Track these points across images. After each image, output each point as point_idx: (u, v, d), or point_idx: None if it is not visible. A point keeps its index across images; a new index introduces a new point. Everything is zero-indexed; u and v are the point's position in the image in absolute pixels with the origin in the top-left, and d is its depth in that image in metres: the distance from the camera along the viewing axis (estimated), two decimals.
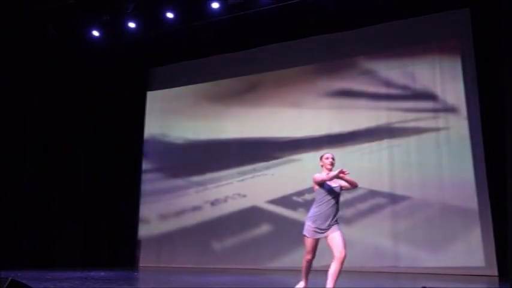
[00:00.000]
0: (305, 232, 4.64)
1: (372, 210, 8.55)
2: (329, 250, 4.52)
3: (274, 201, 9.50)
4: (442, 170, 8.27)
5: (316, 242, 4.61)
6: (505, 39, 7.37)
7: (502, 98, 7.50)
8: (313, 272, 4.88)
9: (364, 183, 8.45)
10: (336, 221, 4.58)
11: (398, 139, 8.74)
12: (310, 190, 4.68)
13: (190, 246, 10.19)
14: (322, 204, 4.58)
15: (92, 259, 10.50)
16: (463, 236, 7.84)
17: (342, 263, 4.40)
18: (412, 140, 8.64)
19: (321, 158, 4.77)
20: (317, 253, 4.68)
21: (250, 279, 7.59)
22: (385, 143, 8.80)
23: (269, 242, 9.42)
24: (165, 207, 10.70)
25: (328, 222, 4.51)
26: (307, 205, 9.13)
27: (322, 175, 4.62)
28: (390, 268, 8.21)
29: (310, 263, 4.74)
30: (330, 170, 4.65)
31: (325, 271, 4.44)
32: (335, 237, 4.47)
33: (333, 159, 4.71)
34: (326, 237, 4.53)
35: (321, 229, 4.53)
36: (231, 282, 7.12)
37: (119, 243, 10.65)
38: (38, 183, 10.49)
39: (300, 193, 8.98)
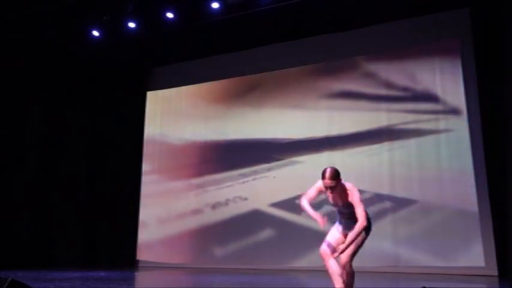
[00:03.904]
0: None
1: (372, 211, 8.52)
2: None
3: (276, 205, 9.40)
4: (442, 171, 8.27)
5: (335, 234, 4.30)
6: (505, 39, 7.38)
7: (502, 98, 7.51)
8: (313, 272, 4.87)
9: (365, 185, 8.43)
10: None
11: (398, 141, 8.73)
12: None
13: (191, 248, 10.15)
14: (337, 215, 4.36)
15: (92, 259, 10.50)
16: (463, 236, 7.84)
17: (343, 268, 4.08)
18: (412, 142, 8.63)
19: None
20: (316, 253, 4.57)
21: (251, 279, 7.58)
22: (385, 144, 8.79)
23: (272, 246, 9.31)
24: (165, 209, 10.64)
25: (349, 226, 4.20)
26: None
27: (304, 201, 4.18)
28: (390, 268, 8.21)
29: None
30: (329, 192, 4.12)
31: (325, 271, 4.43)
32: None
33: (326, 188, 4.03)
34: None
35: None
36: (231, 282, 7.12)
37: (118, 244, 10.64)
38: (37, 183, 10.49)
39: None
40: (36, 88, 10.59)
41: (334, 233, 4.31)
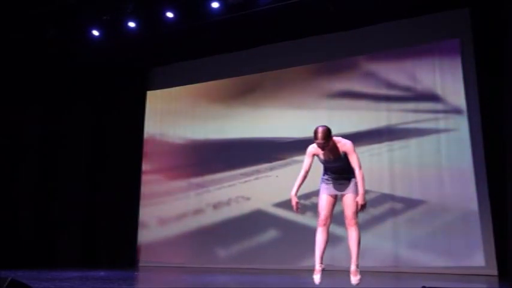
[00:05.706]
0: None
1: (371, 211, 8.54)
2: (330, 248, 4.52)
3: (280, 205, 9.32)
4: (442, 170, 8.27)
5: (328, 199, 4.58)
6: (505, 39, 7.38)
7: (502, 98, 7.51)
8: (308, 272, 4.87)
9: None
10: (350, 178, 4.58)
11: (398, 140, 8.73)
12: (317, 193, 4.66)
13: (192, 248, 10.13)
14: (325, 171, 4.73)
15: (92, 259, 10.50)
16: (463, 236, 7.84)
17: (353, 231, 4.43)
18: (412, 141, 8.63)
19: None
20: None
21: (253, 279, 7.57)
22: (385, 144, 8.79)
23: (275, 246, 9.28)
24: (165, 209, 10.64)
25: (338, 181, 4.54)
26: (315, 208, 9.09)
27: (299, 177, 4.76)
28: (390, 268, 8.21)
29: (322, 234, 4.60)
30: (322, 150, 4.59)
31: (327, 271, 4.43)
32: (345, 200, 4.54)
33: (319, 146, 4.56)
34: (342, 196, 4.59)
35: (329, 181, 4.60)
36: (232, 282, 7.12)
37: (118, 244, 10.64)
38: (38, 183, 10.49)
39: (307, 196, 8.78)
40: (36, 88, 10.58)
41: (324, 202, 4.67)
